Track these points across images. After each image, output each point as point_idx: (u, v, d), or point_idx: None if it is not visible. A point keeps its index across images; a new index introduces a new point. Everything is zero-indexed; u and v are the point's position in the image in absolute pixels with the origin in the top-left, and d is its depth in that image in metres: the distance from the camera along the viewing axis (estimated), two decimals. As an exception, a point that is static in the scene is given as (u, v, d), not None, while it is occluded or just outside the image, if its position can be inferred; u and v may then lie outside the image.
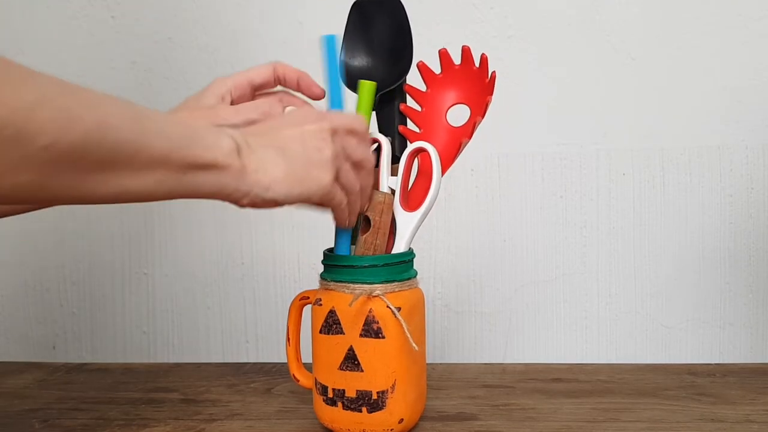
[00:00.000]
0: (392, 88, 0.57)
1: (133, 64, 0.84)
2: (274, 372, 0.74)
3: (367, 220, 0.55)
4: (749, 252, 0.78)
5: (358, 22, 0.58)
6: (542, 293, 0.80)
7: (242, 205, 0.44)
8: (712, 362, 0.77)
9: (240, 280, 0.84)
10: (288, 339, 0.59)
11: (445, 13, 0.79)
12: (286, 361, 0.60)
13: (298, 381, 0.59)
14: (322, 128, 0.47)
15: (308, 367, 0.58)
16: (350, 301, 0.52)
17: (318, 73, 0.82)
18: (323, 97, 0.57)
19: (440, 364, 0.76)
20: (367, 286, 0.53)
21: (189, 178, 0.40)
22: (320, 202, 0.47)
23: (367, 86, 0.55)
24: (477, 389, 0.67)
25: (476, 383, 0.69)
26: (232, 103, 0.56)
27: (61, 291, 0.87)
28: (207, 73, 0.83)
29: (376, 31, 0.58)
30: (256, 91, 0.58)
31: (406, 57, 0.57)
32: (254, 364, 0.79)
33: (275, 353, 0.84)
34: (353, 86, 0.57)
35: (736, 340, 0.78)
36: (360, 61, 0.58)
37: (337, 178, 0.47)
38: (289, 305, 0.59)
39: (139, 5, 0.83)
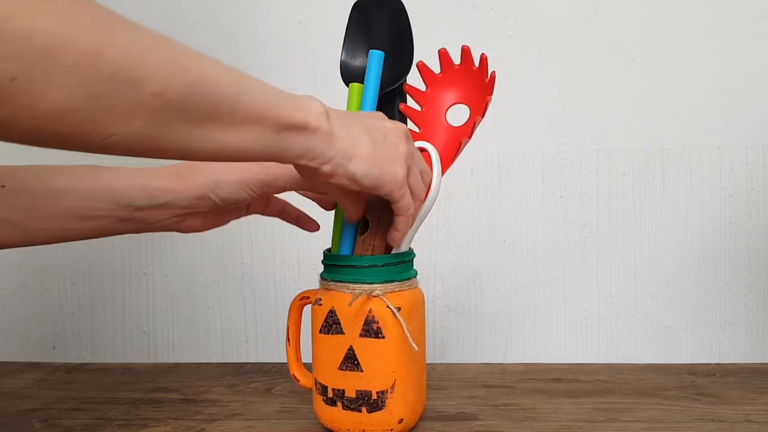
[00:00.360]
0: (392, 88, 0.57)
1: (133, 64, 0.84)
2: (274, 372, 0.74)
3: (366, 221, 0.55)
4: (749, 252, 0.78)
5: (358, 22, 0.58)
6: (542, 293, 0.80)
7: (323, 174, 0.44)
8: (712, 362, 0.77)
9: (240, 280, 0.84)
10: (288, 339, 0.59)
11: (445, 13, 0.79)
12: (286, 361, 0.60)
13: (298, 381, 0.59)
14: (399, 128, 0.49)
15: (308, 367, 0.58)
16: (350, 300, 0.52)
17: (317, 73, 0.82)
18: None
19: (440, 364, 0.76)
20: (366, 286, 0.53)
21: (282, 138, 0.40)
22: (389, 193, 0.47)
23: (356, 88, 0.56)
24: (477, 389, 0.67)
25: (476, 383, 0.69)
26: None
27: (61, 291, 0.87)
28: (207, 73, 0.83)
29: (377, 32, 0.58)
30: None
31: (406, 57, 0.57)
32: (254, 364, 0.79)
33: (275, 353, 0.84)
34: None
35: (736, 340, 0.78)
36: (361, 61, 0.58)
37: (407, 178, 0.48)
38: (289, 305, 0.59)
39: (139, 5, 0.83)
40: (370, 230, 0.54)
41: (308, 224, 0.63)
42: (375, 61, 0.55)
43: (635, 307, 0.79)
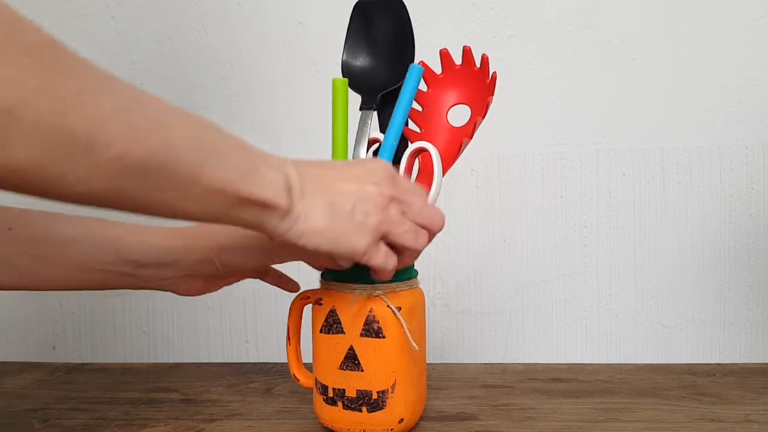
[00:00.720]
0: (394, 88, 0.57)
1: (133, 64, 0.84)
2: (274, 372, 0.74)
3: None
4: (749, 252, 0.78)
5: (359, 22, 0.58)
6: (542, 293, 0.80)
7: (275, 242, 0.44)
8: (712, 362, 0.77)
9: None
10: (288, 339, 0.59)
11: (445, 13, 0.79)
12: (286, 361, 0.60)
13: (299, 381, 0.59)
14: (382, 193, 0.45)
15: (308, 367, 0.58)
16: (350, 300, 0.52)
17: (318, 73, 0.82)
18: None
19: (440, 364, 0.76)
20: (367, 286, 0.53)
21: (237, 211, 0.40)
22: (348, 261, 0.47)
23: (339, 83, 0.55)
24: (477, 389, 0.67)
25: (476, 383, 0.69)
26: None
27: (61, 291, 0.87)
28: (207, 73, 0.83)
29: (378, 32, 0.58)
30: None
31: (407, 57, 0.57)
32: (254, 364, 0.79)
33: (275, 353, 0.84)
34: (354, 86, 0.57)
35: (736, 340, 0.78)
36: (362, 61, 0.58)
37: (385, 239, 0.46)
38: (289, 305, 0.59)
39: (139, 5, 0.83)
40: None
41: (289, 285, 0.62)
42: (413, 76, 0.54)
43: (635, 307, 0.79)
